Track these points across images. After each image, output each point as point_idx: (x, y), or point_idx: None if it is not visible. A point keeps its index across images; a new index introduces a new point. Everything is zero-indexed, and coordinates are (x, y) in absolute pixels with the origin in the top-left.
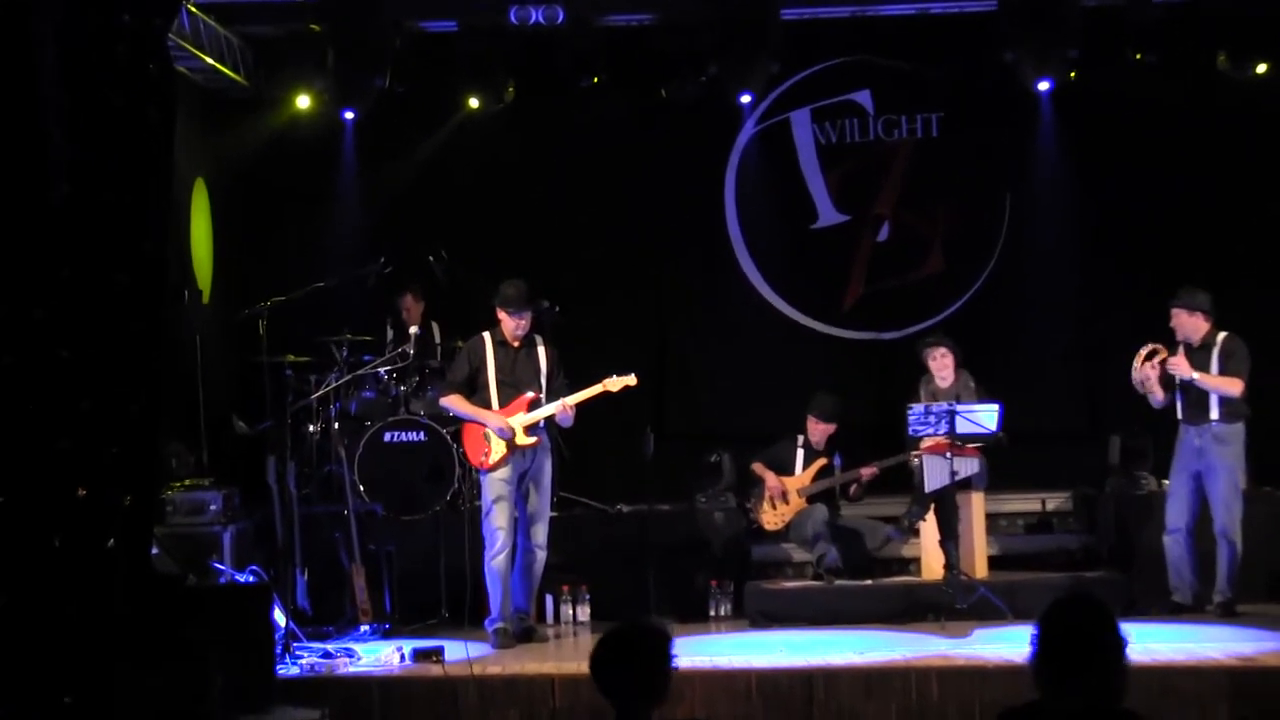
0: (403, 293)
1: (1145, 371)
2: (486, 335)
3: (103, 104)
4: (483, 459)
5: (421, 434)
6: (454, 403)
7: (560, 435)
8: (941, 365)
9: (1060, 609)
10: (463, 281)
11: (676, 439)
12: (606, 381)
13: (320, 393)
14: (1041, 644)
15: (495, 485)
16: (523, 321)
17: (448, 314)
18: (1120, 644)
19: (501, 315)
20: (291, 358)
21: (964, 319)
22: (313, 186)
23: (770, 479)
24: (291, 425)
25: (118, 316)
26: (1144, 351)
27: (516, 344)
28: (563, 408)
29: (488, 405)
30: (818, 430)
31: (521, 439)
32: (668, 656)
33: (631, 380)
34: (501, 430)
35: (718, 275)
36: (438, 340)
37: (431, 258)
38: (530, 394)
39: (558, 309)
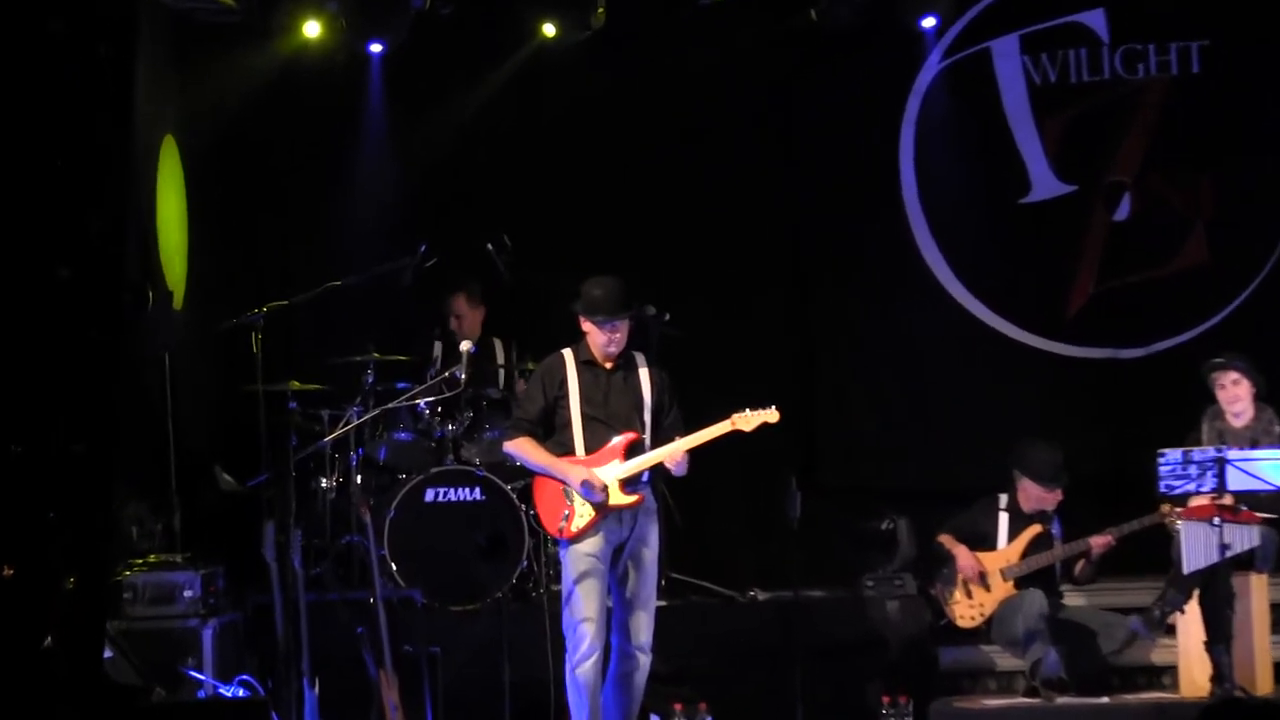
0: (452, 295)
1: None
2: (568, 354)
3: (33, 30)
4: (562, 526)
5: (477, 491)
6: (522, 448)
7: (670, 491)
8: (1232, 396)
9: None
10: (534, 280)
11: (832, 497)
12: (736, 418)
13: (337, 434)
14: None
15: (580, 561)
16: (618, 335)
17: (514, 325)
18: None
19: (588, 327)
20: (297, 385)
21: (1234, 331)
22: (326, 148)
23: (963, 556)
24: (297, 479)
25: (56, 325)
26: None
27: (610, 365)
28: (674, 454)
29: (569, 451)
30: (1033, 496)
31: (617, 498)
32: None
33: (772, 416)
34: (588, 487)
35: (889, 269)
36: (500, 362)
37: (491, 245)
38: (628, 435)
39: (667, 317)
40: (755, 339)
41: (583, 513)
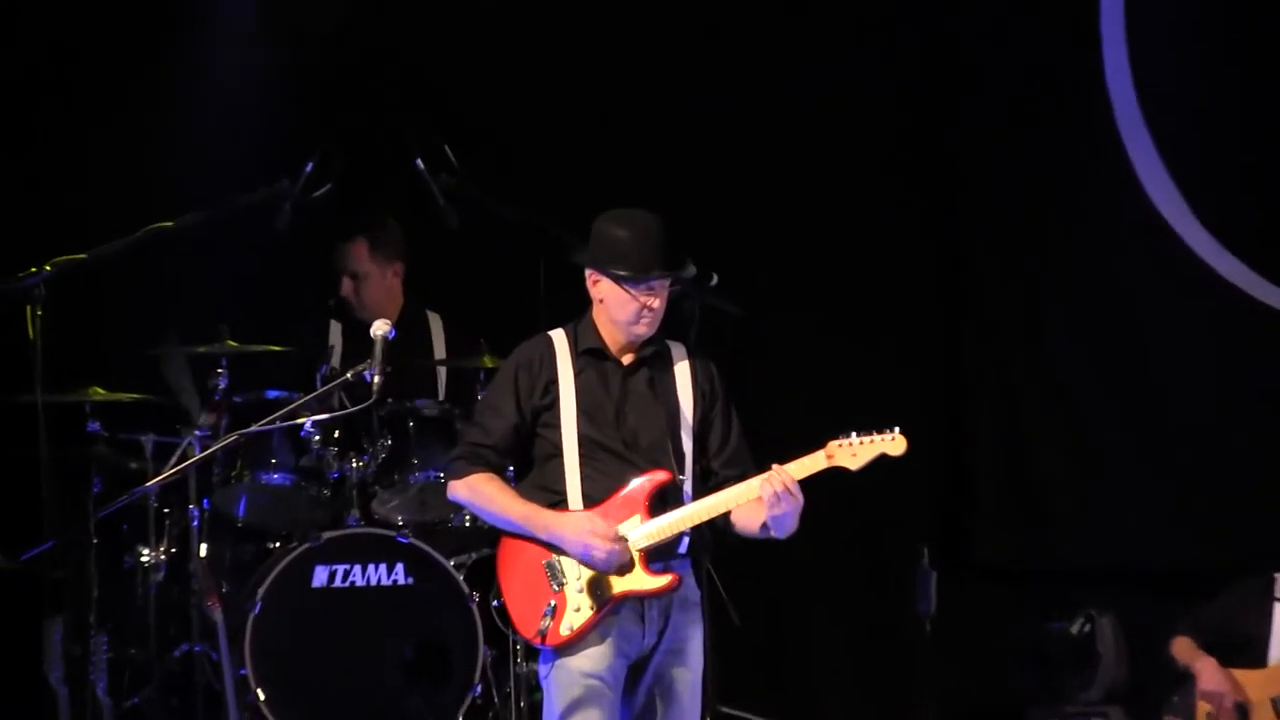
0: (347, 243)
1: None
2: (559, 340)
3: None
4: (546, 626)
5: (400, 570)
6: (479, 492)
7: (723, 572)
8: None
9: None
10: (499, 216)
11: (990, 582)
12: (835, 447)
13: (168, 475)
14: None
15: (573, 685)
16: (654, 306)
17: (463, 293)
18: None
19: (604, 290)
20: (101, 394)
21: None
22: (147, 8)
23: (1210, 673)
24: (102, 550)
25: None
26: None
27: (630, 359)
28: (737, 502)
29: (559, 500)
30: None
31: (635, 580)
32: None
33: (894, 445)
34: (589, 552)
35: (1093, 225)
36: (439, 353)
37: (420, 160)
38: (656, 475)
39: (715, 280)
40: (870, 329)
41: (579, 603)
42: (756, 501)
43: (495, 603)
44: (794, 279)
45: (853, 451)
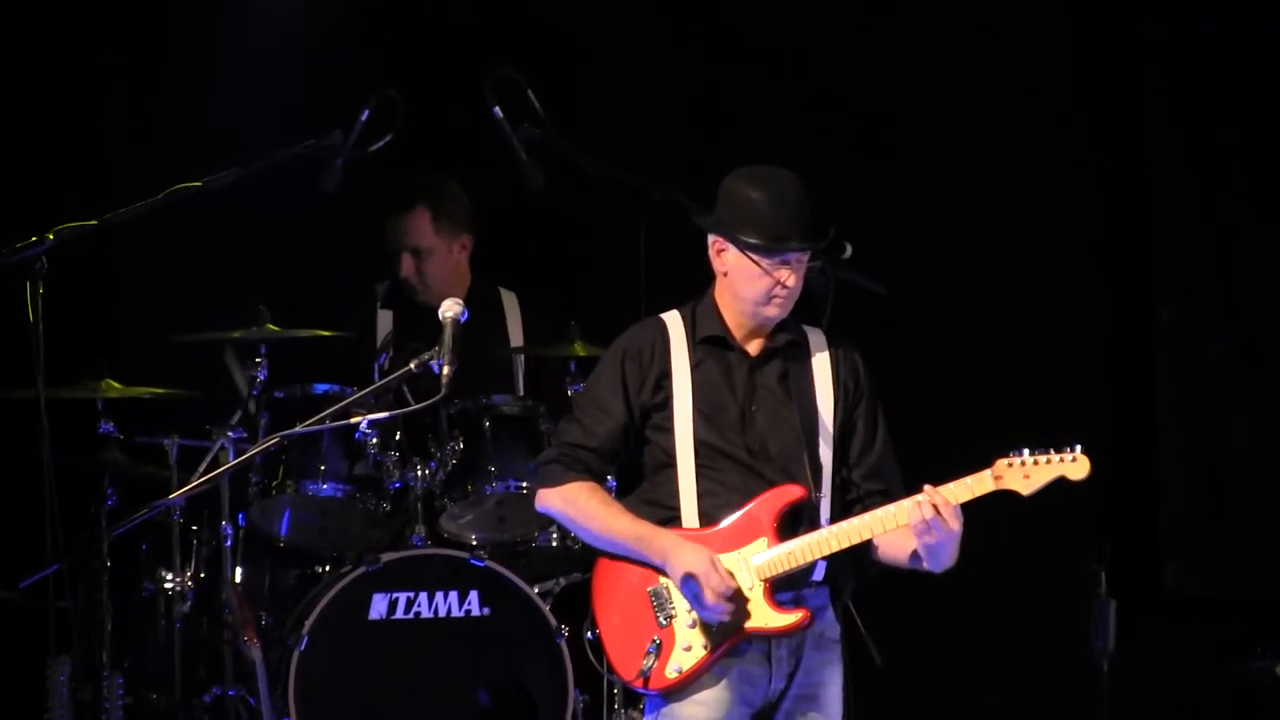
0: (405, 213)
1: None
2: (673, 324)
3: None
4: (649, 666)
5: (474, 598)
6: (575, 503)
7: (864, 606)
8: None
9: None
10: (599, 177)
11: (1181, 615)
12: (1004, 467)
13: (196, 484)
14: None
15: None
16: (790, 282)
17: (550, 269)
18: None
19: (731, 263)
20: (117, 388)
21: None
22: None
23: None
24: (116, 575)
25: None
26: None
27: (759, 348)
28: (926, 513)
29: (672, 516)
30: None
31: (760, 616)
32: None
33: (1075, 468)
34: (702, 586)
35: None
36: (517, 341)
37: (498, 108)
38: (788, 490)
39: (848, 252)
40: (1037, 321)
41: (690, 641)
42: (905, 528)
43: (589, 637)
44: (946, 259)
45: (1025, 473)
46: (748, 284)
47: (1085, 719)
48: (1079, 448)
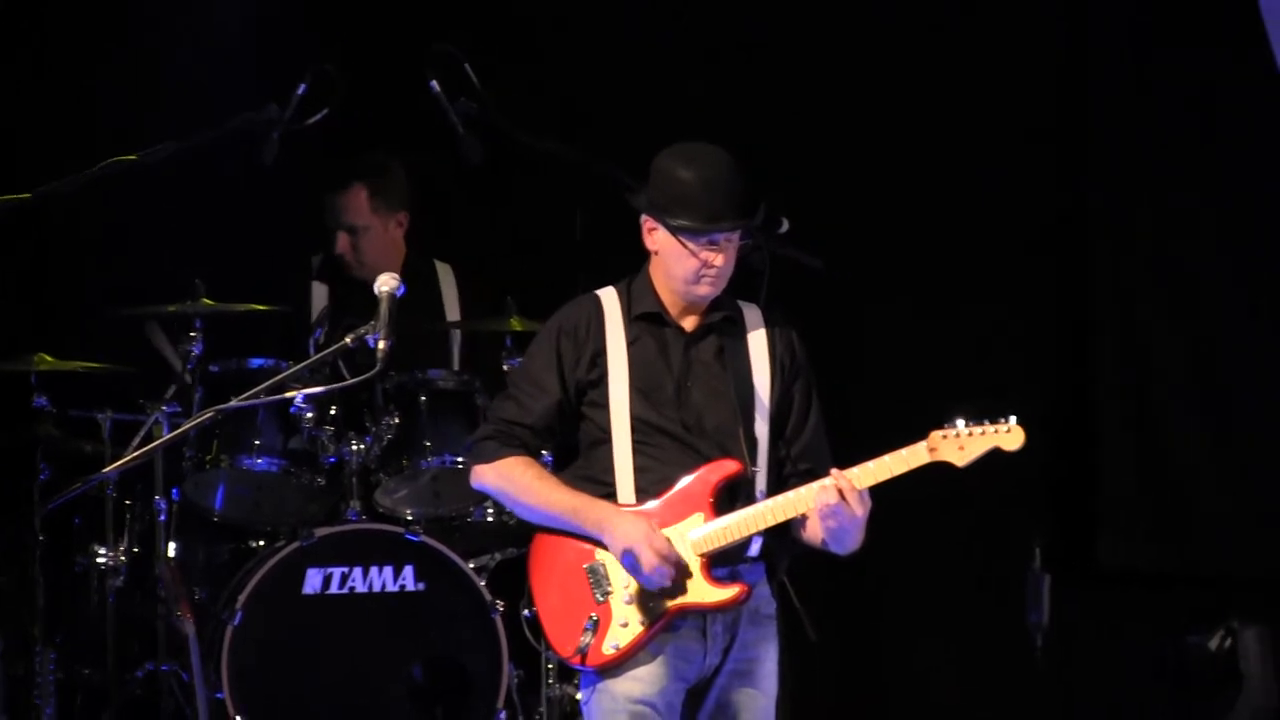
0: (341, 190)
1: None
2: (609, 300)
3: None
4: (586, 642)
5: (410, 573)
6: (511, 477)
7: (799, 582)
8: None
9: None
10: (535, 148)
11: (1117, 590)
12: (939, 438)
13: (129, 459)
14: None
15: (615, 712)
16: (721, 260)
17: (486, 243)
18: None
19: (661, 241)
20: (49, 362)
21: None
22: None
23: None
24: (49, 550)
25: None
26: None
27: (694, 324)
28: (819, 503)
29: (607, 491)
30: None
31: (697, 591)
32: None
33: (1009, 438)
34: (639, 557)
35: (1245, 152)
36: (453, 315)
37: (435, 81)
38: (724, 464)
39: (785, 226)
40: (975, 290)
41: (627, 617)
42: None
43: (525, 613)
44: (885, 232)
45: (960, 444)
46: (678, 263)
47: (1020, 692)
48: (1014, 419)
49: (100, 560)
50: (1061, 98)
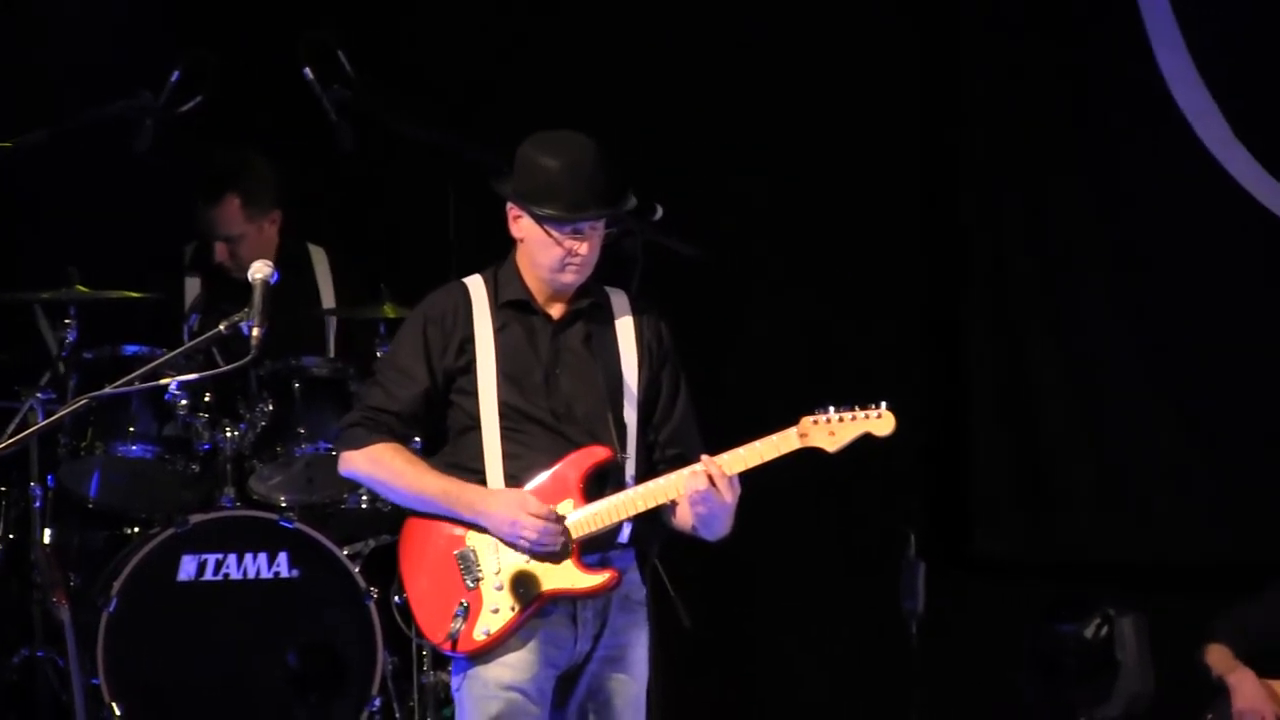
0: (214, 202)
1: None
2: (476, 287)
3: None
4: (457, 628)
5: (283, 560)
6: (380, 463)
7: (671, 567)
8: None
9: None
10: (409, 136)
11: (992, 577)
12: (809, 424)
13: (3, 445)
14: None
15: (489, 701)
16: (585, 249)
17: (359, 228)
18: None
19: (526, 229)
20: None
21: None
22: None
23: (1247, 686)
24: None
25: None
26: None
27: (561, 312)
28: (688, 489)
29: (477, 477)
30: None
31: (566, 576)
32: None
33: (880, 424)
34: (517, 533)
35: (1117, 142)
36: (328, 303)
37: (309, 69)
38: (593, 450)
39: (659, 213)
40: (847, 280)
41: (497, 603)
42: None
43: (397, 600)
44: (761, 221)
45: (830, 430)
46: (542, 251)
47: (895, 680)
48: (884, 404)
49: None
50: (929, 86)
